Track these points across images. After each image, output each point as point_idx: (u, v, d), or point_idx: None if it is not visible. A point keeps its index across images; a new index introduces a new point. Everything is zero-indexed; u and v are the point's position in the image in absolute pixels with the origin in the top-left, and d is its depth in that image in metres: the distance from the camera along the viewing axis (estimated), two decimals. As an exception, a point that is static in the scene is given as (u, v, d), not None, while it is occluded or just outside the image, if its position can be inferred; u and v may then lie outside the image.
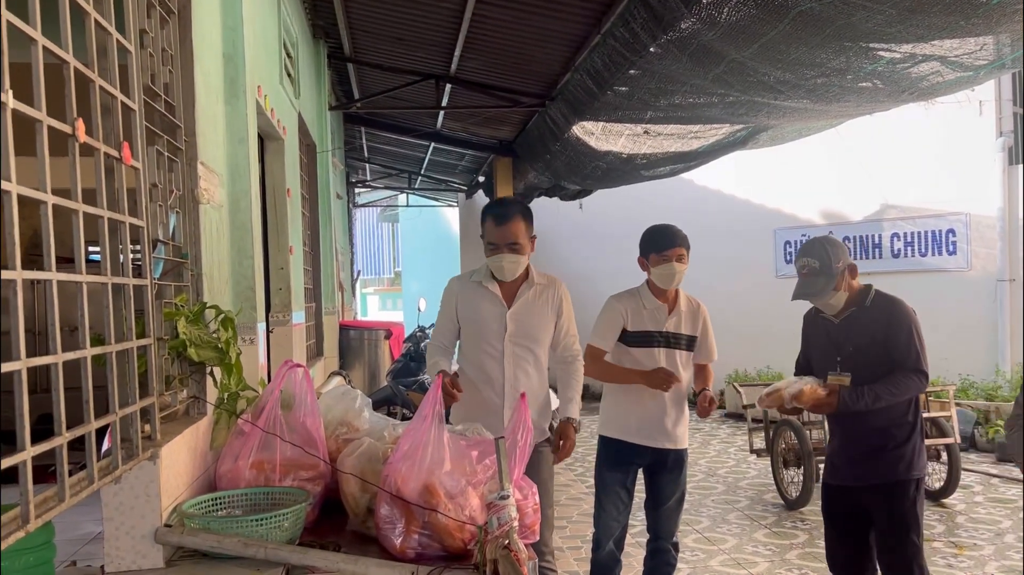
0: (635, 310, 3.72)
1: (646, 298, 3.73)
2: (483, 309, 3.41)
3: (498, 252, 3.30)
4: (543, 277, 3.48)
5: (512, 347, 3.38)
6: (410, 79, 8.30)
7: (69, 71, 1.66)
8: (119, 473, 1.90)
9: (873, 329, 3.23)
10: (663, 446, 3.72)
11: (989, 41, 4.02)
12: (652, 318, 3.71)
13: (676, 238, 3.66)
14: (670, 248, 3.63)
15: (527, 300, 3.41)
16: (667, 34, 4.62)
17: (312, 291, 6.95)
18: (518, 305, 3.40)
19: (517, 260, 3.33)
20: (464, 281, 3.50)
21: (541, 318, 3.42)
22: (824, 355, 3.37)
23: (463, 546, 2.15)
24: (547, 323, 3.44)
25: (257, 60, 3.77)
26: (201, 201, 2.63)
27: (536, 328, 3.41)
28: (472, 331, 3.45)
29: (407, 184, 16.40)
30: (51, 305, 1.55)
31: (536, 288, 3.43)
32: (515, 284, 3.42)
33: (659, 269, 3.64)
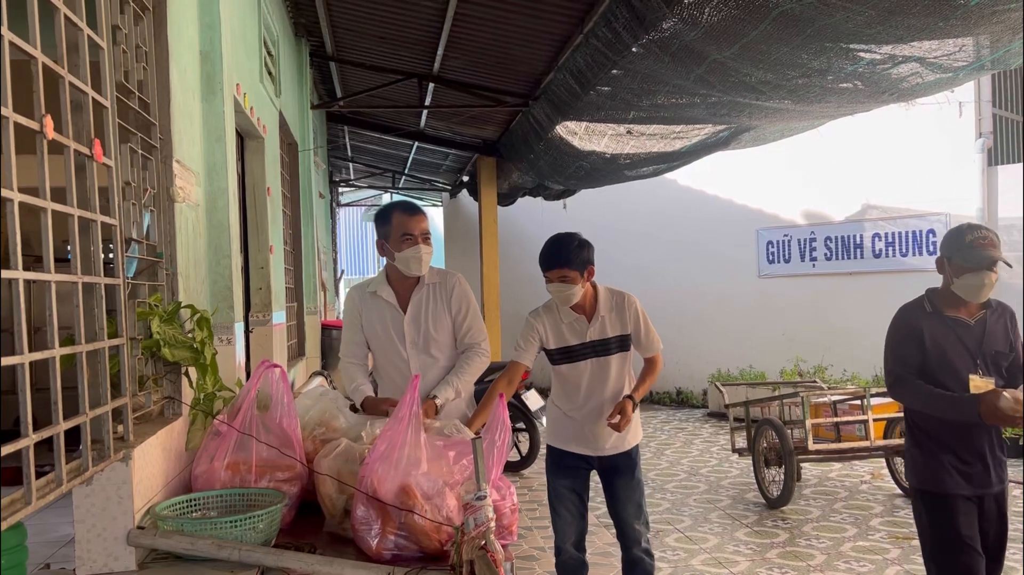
0: (553, 325, 3.58)
1: (563, 312, 3.57)
2: (383, 318, 3.36)
3: (414, 243, 3.24)
4: (436, 275, 3.40)
5: (416, 353, 3.34)
6: (393, 78, 8.26)
7: (37, 67, 1.63)
8: (89, 475, 1.87)
9: (1000, 331, 3.14)
10: (601, 453, 3.65)
11: (968, 43, 4.04)
12: (572, 331, 3.56)
13: (555, 258, 3.44)
14: (549, 269, 3.46)
15: (420, 301, 3.35)
16: (649, 34, 4.63)
17: (293, 291, 6.91)
18: (412, 309, 3.34)
19: (430, 252, 3.29)
20: (363, 292, 3.43)
21: (437, 318, 3.35)
22: (960, 358, 3.11)
23: (440, 547, 2.14)
24: (444, 321, 3.37)
25: (236, 58, 3.74)
26: (176, 199, 2.60)
27: (434, 328, 3.34)
28: (377, 344, 3.41)
29: (391, 183, 16.36)
30: (17, 304, 1.53)
31: (428, 288, 3.37)
32: (409, 288, 3.36)
33: (548, 288, 3.51)
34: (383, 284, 3.39)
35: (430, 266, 3.36)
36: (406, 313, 3.35)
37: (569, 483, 3.69)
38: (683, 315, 11.54)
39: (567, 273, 3.42)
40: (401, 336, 3.34)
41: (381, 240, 3.35)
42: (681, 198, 11.87)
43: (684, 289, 11.74)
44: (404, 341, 3.33)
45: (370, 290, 3.41)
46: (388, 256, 3.34)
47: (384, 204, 3.55)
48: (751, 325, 10.99)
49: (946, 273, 3.15)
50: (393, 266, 3.35)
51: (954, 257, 3.07)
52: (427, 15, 6.50)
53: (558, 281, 3.44)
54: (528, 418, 7.57)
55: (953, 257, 3.08)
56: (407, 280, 3.36)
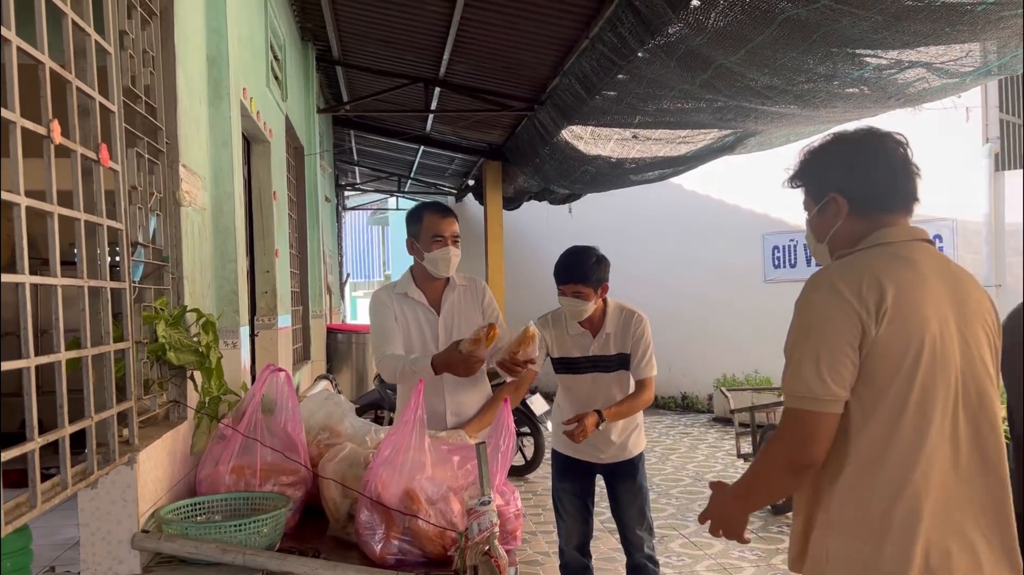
0: (558, 336, 3.58)
1: (569, 323, 3.57)
2: (416, 319, 3.33)
3: (444, 245, 3.24)
4: (462, 278, 3.41)
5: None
6: (399, 82, 8.28)
7: (45, 72, 1.64)
8: (94, 478, 1.88)
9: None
10: (604, 461, 3.65)
11: (975, 48, 4.04)
12: (576, 344, 3.57)
13: (571, 273, 3.44)
14: (564, 283, 3.46)
15: (453, 303, 3.35)
16: (655, 39, 4.63)
17: (299, 294, 6.92)
18: (446, 310, 3.33)
19: (458, 255, 3.29)
20: (391, 293, 3.38)
21: (470, 319, 3.35)
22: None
23: (443, 552, 2.14)
24: (476, 323, 3.33)
25: (242, 62, 3.75)
26: (183, 204, 2.61)
27: (467, 329, 3.30)
28: (408, 344, 3.35)
29: (397, 187, 16.37)
30: (23, 308, 1.53)
31: (459, 290, 3.37)
32: (439, 290, 3.35)
33: (561, 301, 3.50)
34: (411, 285, 3.36)
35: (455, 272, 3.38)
36: (439, 314, 3.34)
37: (573, 488, 3.70)
38: (688, 320, 11.53)
39: (581, 289, 3.42)
40: (435, 337, 3.32)
41: (411, 239, 3.34)
42: (686, 202, 11.86)
43: (689, 294, 11.72)
44: (437, 342, 3.31)
45: (398, 291, 3.36)
46: (417, 255, 3.33)
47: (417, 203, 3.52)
48: (757, 330, 10.96)
49: None
50: (420, 267, 3.34)
51: None
52: (433, 20, 6.51)
53: (571, 296, 3.44)
54: (533, 422, 7.57)
55: None
56: (435, 281, 3.35)
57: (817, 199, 1.94)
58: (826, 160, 1.94)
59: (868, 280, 1.73)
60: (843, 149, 1.92)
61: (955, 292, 1.80)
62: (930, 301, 1.74)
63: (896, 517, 1.71)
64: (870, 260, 1.79)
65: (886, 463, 1.72)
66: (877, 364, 1.71)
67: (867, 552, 1.72)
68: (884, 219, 1.86)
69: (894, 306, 1.70)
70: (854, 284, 1.72)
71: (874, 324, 1.70)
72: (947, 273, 1.83)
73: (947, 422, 1.74)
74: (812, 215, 1.97)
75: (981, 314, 1.83)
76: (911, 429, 1.72)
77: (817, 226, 1.96)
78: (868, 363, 1.71)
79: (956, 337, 1.76)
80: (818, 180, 1.94)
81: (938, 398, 1.73)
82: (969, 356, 1.78)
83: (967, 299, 1.82)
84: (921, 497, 1.70)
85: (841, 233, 1.90)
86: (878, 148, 1.89)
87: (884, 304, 1.70)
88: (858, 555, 1.73)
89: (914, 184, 1.89)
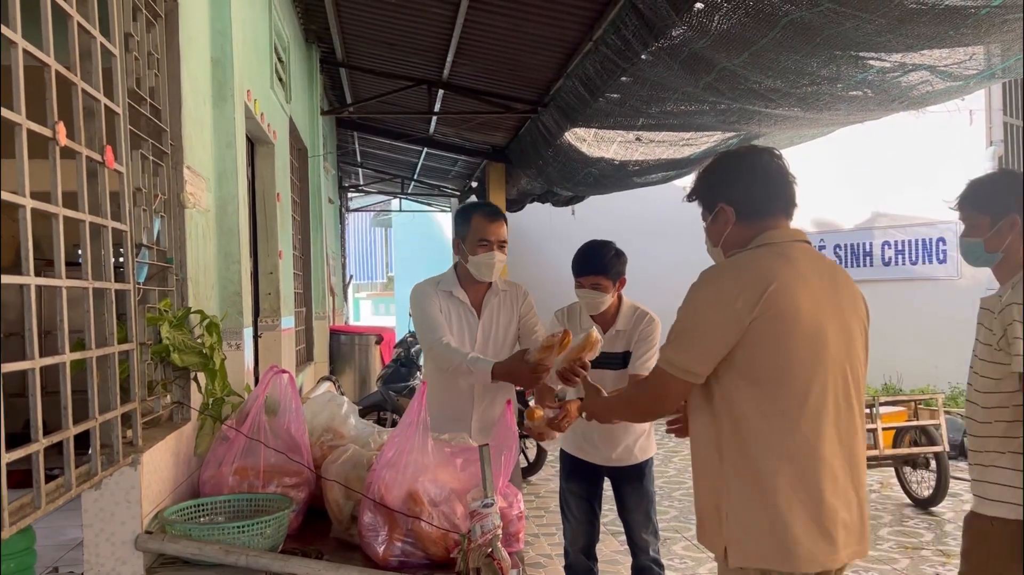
0: (572, 329, 3.50)
1: (583, 318, 3.57)
2: (458, 318, 3.32)
3: (489, 250, 3.22)
4: (506, 284, 3.42)
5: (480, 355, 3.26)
6: (403, 84, 8.29)
7: (50, 74, 1.65)
8: (98, 479, 1.88)
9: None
10: (611, 464, 3.64)
11: (978, 51, 4.04)
12: None
13: (590, 265, 3.43)
14: (583, 275, 3.44)
15: (494, 308, 3.35)
16: (658, 42, 4.63)
17: (302, 296, 6.93)
18: (486, 314, 3.34)
19: (503, 260, 3.29)
20: (434, 287, 3.35)
21: (508, 326, 3.36)
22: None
23: (446, 554, 2.14)
24: (513, 329, 3.38)
25: (246, 64, 3.76)
26: (187, 205, 2.62)
27: (504, 335, 3.36)
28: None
29: (400, 189, 16.39)
30: (28, 309, 1.54)
31: (501, 296, 3.37)
32: (480, 292, 3.35)
33: (578, 293, 3.50)
34: (456, 284, 3.35)
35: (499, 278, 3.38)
36: (480, 316, 3.33)
37: (579, 489, 3.69)
38: (691, 322, 11.49)
39: (600, 281, 3.42)
40: (474, 339, 3.31)
41: (457, 240, 3.34)
42: (690, 205, 11.81)
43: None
44: (475, 345, 3.30)
45: (442, 288, 3.34)
46: (462, 257, 3.32)
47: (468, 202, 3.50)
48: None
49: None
50: (464, 267, 3.33)
51: None
52: (437, 22, 6.52)
53: (590, 288, 3.44)
54: (536, 425, 7.55)
55: None
56: (478, 283, 3.34)
57: (710, 210, 2.22)
58: (714, 176, 2.22)
59: (749, 276, 2.00)
60: (727, 165, 2.21)
61: (830, 286, 2.07)
62: (806, 293, 2.00)
63: (804, 490, 1.97)
64: (755, 259, 2.07)
65: (774, 433, 1.98)
66: (760, 348, 1.97)
67: (780, 525, 1.97)
68: (767, 223, 2.13)
69: (773, 297, 1.95)
70: (735, 280, 2.01)
71: (749, 316, 1.95)
72: (823, 269, 2.10)
73: (828, 395, 2.01)
74: (707, 224, 2.25)
75: (853, 304, 2.12)
76: (794, 401, 1.98)
77: (712, 233, 2.25)
78: (750, 347, 1.97)
79: (831, 321, 2.03)
80: (709, 194, 2.21)
81: (817, 374, 1.99)
82: (844, 339, 2.05)
83: (841, 291, 2.09)
84: (817, 464, 1.98)
85: (731, 237, 2.17)
86: (755, 162, 2.17)
87: (763, 296, 1.95)
88: (772, 528, 1.98)
89: (791, 191, 2.17)
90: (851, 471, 2.06)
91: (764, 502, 1.99)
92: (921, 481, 6.61)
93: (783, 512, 1.97)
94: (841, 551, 2.01)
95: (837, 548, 2.00)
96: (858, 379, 2.10)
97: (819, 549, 1.98)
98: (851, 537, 2.03)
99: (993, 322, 2.55)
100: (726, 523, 2.04)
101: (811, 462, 1.99)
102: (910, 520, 6.25)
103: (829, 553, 1.99)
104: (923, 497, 6.51)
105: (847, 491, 2.04)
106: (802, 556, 1.97)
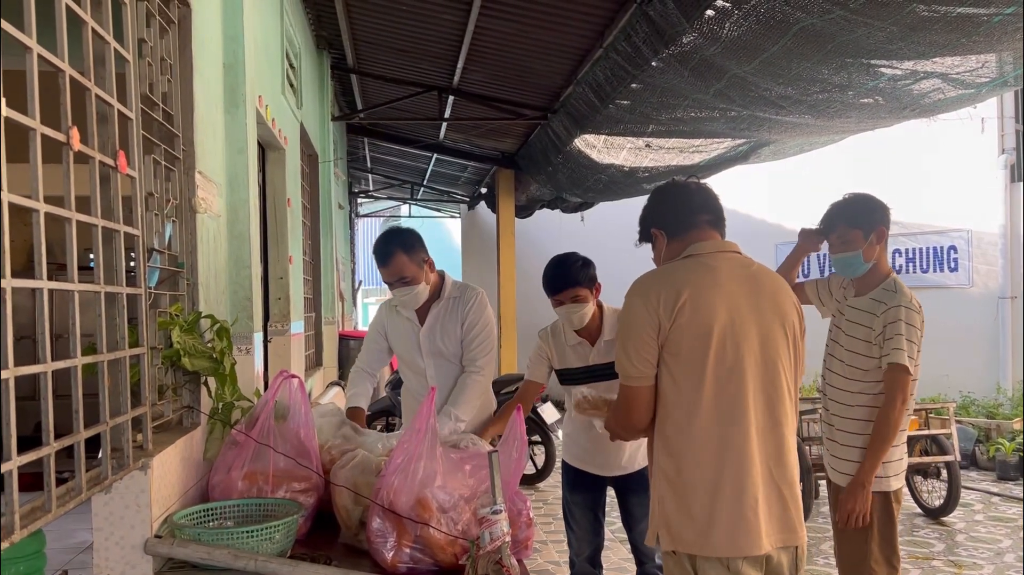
0: (559, 347, 3.57)
1: (568, 334, 3.53)
2: (401, 332, 3.53)
3: (393, 288, 3.37)
4: (457, 289, 3.47)
5: (433, 361, 3.46)
6: (413, 90, 8.32)
7: (65, 80, 1.66)
8: (108, 483, 1.88)
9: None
10: (614, 474, 3.61)
11: (991, 59, 4.02)
12: (576, 355, 3.53)
13: (563, 280, 3.40)
14: (559, 292, 3.41)
15: (435, 317, 3.45)
16: (669, 49, 4.63)
17: (312, 301, 6.94)
18: (428, 324, 3.46)
19: (412, 291, 3.33)
20: (389, 307, 3.60)
21: (450, 333, 3.43)
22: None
23: (455, 560, 2.13)
24: (456, 335, 3.44)
25: (258, 70, 3.77)
26: (198, 210, 2.62)
27: (448, 342, 3.44)
28: (399, 353, 3.61)
29: (409, 195, 16.44)
30: (41, 313, 1.54)
31: (445, 303, 3.44)
32: (428, 303, 3.46)
33: (559, 312, 3.47)
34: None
35: (454, 281, 3.52)
36: (423, 326, 3.46)
37: (583, 500, 3.67)
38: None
39: (579, 292, 3.39)
40: (417, 347, 3.48)
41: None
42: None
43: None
44: (421, 351, 3.48)
45: (392, 303, 3.56)
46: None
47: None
48: (769, 340, 10.88)
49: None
50: None
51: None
52: (448, 29, 6.54)
53: (570, 303, 3.40)
54: (544, 431, 7.55)
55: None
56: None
57: (648, 238, 2.45)
58: (646, 210, 2.47)
59: (666, 285, 2.20)
60: (653, 198, 2.48)
61: (750, 288, 2.25)
62: (721, 297, 2.19)
63: (724, 480, 2.13)
64: (675, 270, 2.28)
65: (695, 426, 2.15)
66: (679, 347, 2.16)
67: (698, 512, 2.14)
68: (693, 237, 2.33)
69: (688, 303, 2.16)
70: (654, 289, 2.21)
71: (668, 319, 2.16)
72: (745, 274, 2.28)
73: (747, 390, 2.17)
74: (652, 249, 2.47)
75: (774, 303, 2.27)
76: (711, 398, 2.15)
77: (655, 257, 2.47)
78: (672, 347, 2.16)
79: (751, 322, 2.20)
80: (644, 225, 2.46)
81: (734, 372, 2.16)
82: (763, 338, 2.22)
83: (761, 292, 2.26)
84: (736, 457, 2.14)
85: (667, 255, 2.38)
86: (674, 188, 2.43)
87: (679, 302, 2.16)
88: (691, 515, 2.15)
89: (715, 206, 2.37)
90: (776, 462, 2.21)
91: (685, 492, 2.17)
92: (932, 491, 6.56)
93: (702, 501, 2.15)
94: (764, 538, 2.14)
95: (760, 534, 2.14)
96: (779, 374, 2.24)
97: (738, 534, 2.13)
98: (774, 525, 2.17)
99: (874, 321, 3.03)
100: (659, 511, 2.23)
101: (730, 455, 2.15)
102: (921, 530, 6.20)
103: (750, 539, 2.13)
104: (934, 507, 6.46)
105: (768, 482, 2.18)
106: (720, 541, 2.13)
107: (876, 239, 3.10)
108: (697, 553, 2.14)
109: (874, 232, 3.10)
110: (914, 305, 3.02)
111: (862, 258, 3.12)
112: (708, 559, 2.13)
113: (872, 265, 3.14)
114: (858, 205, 3.19)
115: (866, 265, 3.14)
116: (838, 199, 3.28)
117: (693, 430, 2.17)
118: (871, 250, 3.12)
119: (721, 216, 2.40)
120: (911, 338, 2.96)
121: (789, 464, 2.24)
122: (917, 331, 3.00)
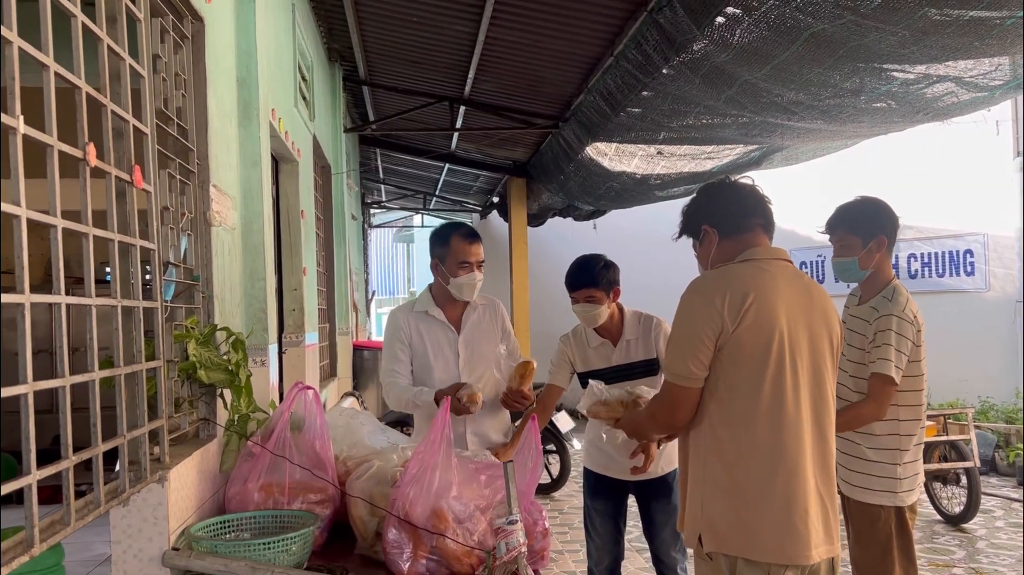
0: (581, 350, 3.58)
1: (589, 336, 3.54)
2: (435, 338, 3.33)
3: (470, 271, 3.25)
4: (482, 298, 3.41)
5: (468, 372, 3.31)
6: (424, 101, 8.35)
7: (81, 96, 1.68)
8: (126, 496, 1.89)
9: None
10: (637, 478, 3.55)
11: (1004, 61, 3.99)
12: (599, 356, 3.54)
13: (581, 278, 3.44)
14: (575, 290, 3.44)
15: (474, 323, 3.36)
16: (680, 56, 4.63)
17: (326, 312, 6.96)
18: (467, 330, 3.35)
19: (482, 279, 3.30)
20: (409, 312, 3.38)
21: (490, 340, 3.37)
22: None
23: (471, 571, 2.13)
24: (496, 343, 3.39)
25: (271, 83, 3.80)
26: (213, 223, 2.64)
27: (487, 349, 3.36)
28: (423, 362, 3.34)
29: (422, 205, 16.46)
30: (59, 327, 1.56)
31: (479, 310, 3.39)
32: (458, 309, 3.36)
33: (575, 309, 3.49)
34: (431, 304, 3.36)
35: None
36: (460, 334, 3.34)
37: (604, 507, 3.65)
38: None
39: (593, 293, 3.42)
40: (456, 355, 3.33)
41: (436, 261, 3.33)
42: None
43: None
44: (458, 361, 3.32)
45: (418, 310, 3.37)
46: (441, 278, 3.32)
47: (443, 223, 3.52)
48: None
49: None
50: (441, 287, 3.33)
51: None
52: (458, 40, 6.57)
53: (584, 301, 3.43)
54: (559, 440, 7.53)
55: None
56: (454, 302, 3.35)
57: (696, 235, 2.42)
58: (695, 205, 2.44)
59: (733, 288, 2.17)
60: (705, 194, 2.45)
61: (804, 299, 2.26)
62: (782, 304, 2.19)
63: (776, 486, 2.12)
64: (738, 272, 2.25)
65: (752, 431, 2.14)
66: (741, 351, 2.14)
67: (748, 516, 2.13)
68: (747, 239, 2.32)
69: (753, 307, 2.14)
70: (719, 291, 2.17)
71: (732, 322, 2.13)
72: (799, 284, 2.29)
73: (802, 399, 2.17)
74: (697, 250, 2.45)
75: (824, 315, 2.29)
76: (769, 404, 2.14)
77: (701, 257, 2.43)
78: (732, 351, 2.14)
79: (803, 332, 2.21)
80: (693, 221, 2.43)
81: (788, 379, 2.15)
82: (812, 347, 2.23)
83: (813, 304, 2.28)
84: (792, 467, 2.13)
85: (717, 256, 2.35)
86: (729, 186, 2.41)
87: (745, 305, 2.13)
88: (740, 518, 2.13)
89: (766, 210, 2.37)
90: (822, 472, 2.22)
91: (736, 495, 2.16)
92: (952, 497, 6.50)
93: (753, 506, 2.13)
94: (813, 549, 2.13)
95: (808, 545, 2.13)
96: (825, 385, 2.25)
97: (786, 543, 2.12)
98: (820, 536, 2.16)
99: (867, 328, 3.01)
100: (703, 512, 2.21)
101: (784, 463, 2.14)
102: (941, 537, 6.14)
103: (798, 548, 2.12)
104: (954, 514, 6.40)
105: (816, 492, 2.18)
106: (767, 546, 2.12)
107: (876, 247, 3.06)
108: (744, 556, 2.13)
109: (874, 240, 3.06)
110: (907, 315, 2.97)
111: (858, 265, 3.10)
112: (751, 563, 2.12)
113: (872, 272, 3.11)
114: (862, 211, 3.16)
115: (863, 272, 3.11)
116: (847, 200, 3.25)
117: (749, 434, 2.16)
118: (869, 258, 3.08)
119: (772, 221, 2.39)
120: (900, 348, 2.92)
121: (832, 475, 2.25)
122: (907, 341, 2.95)
